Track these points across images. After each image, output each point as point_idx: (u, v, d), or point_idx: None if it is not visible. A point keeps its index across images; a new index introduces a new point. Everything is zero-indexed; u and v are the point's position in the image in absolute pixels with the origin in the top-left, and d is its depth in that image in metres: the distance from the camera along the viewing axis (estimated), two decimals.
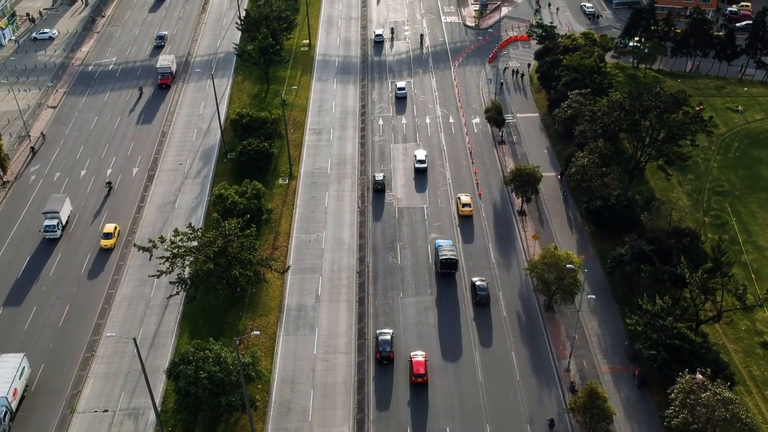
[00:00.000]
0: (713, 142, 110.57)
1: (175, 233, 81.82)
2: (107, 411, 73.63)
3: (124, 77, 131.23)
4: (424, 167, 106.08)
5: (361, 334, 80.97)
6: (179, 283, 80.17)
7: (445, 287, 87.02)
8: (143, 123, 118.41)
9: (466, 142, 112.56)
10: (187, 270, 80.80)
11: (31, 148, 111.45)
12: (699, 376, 66.15)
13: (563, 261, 78.83)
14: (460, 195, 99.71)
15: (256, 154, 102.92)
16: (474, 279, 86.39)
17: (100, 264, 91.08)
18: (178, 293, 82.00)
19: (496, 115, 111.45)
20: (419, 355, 76.82)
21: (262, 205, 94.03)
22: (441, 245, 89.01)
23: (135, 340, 67.28)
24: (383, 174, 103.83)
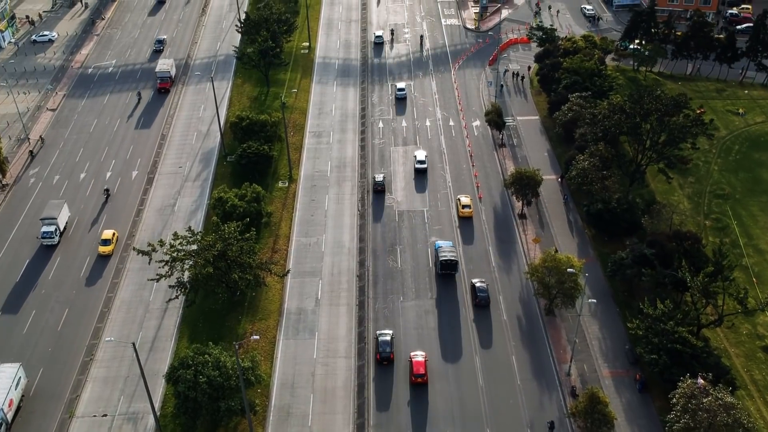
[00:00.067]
0: (714, 145, 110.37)
1: (175, 237, 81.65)
2: (106, 415, 73.38)
3: (123, 80, 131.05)
4: (424, 167, 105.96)
5: (361, 337, 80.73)
6: (178, 287, 79.99)
7: (445, 289, 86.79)
8: (143, 126, 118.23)
9: (466, 145, 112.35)
10: (187, 274, 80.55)
11: (30, 151, 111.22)
12: (700, 380, 65.94)
13: (564, 265, 78.62)
14: (460, 196, 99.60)
15: (255, 157, 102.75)
16: (474, 280, 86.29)
17: (99, 268, 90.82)
18: (177, 297, 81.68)
19: (496, 118, 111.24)
20: (419, 355, 76.82)
21: (261, 209, 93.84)
22: (441, 246, 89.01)
23: (134, 344, 67.12)
24: (383, 175, 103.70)
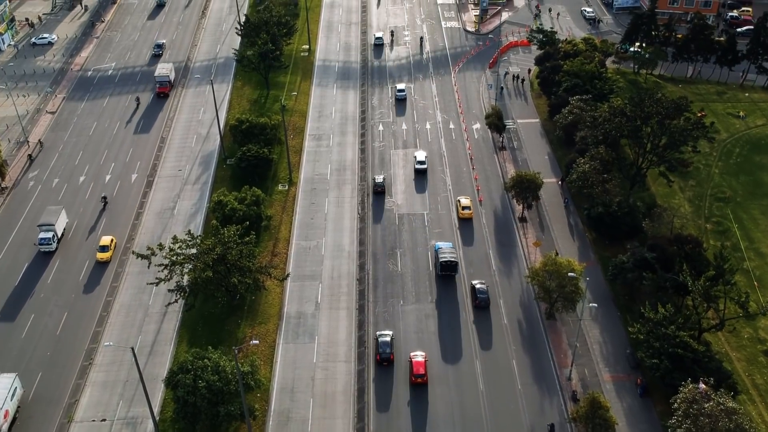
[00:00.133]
0: (715, 148, 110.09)
1: (174, 240, 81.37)
2: (105, 420, 73.05)
3: (123, 83, 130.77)
4: (424, 168, 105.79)
5: (361, 342, 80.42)
6: (178, 291, 79.65)
7: (445, 291, 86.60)
8: (142, 128, 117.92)
9: (466, 147, 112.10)
10: (186, 278, 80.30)
11: (29, 155, 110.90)
12: (702, 385, 65.64)
13: (565, 268, 78.36)
14: (459, 198, 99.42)
15: (255, 160, 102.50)
16: (474, 282, 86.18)
17: (98, 271, 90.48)
18: (176, 301, 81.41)
19: (496, 121, 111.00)
20: (419, 355, 76.77)
21: (261, 212, 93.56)
22: (441, 248, 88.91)
23: (133, 349, 66.85)
24: (383, 176, 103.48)
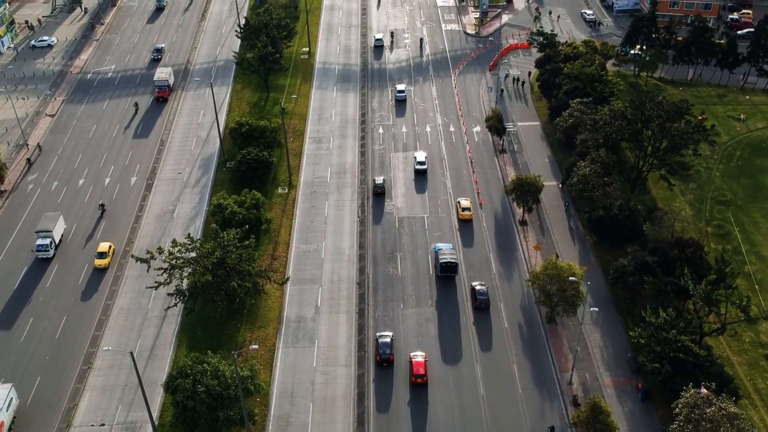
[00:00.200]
0: (715, 151, 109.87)
1: (174, 244, 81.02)
2: (104, 425, 72.75)
3: (123, 85, 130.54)
4: (424, 168, 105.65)
5: (361, 345, 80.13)
6: (177, 295, 79.41)
7: (446, 293, 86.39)
8: (142, 131, 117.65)
9: (466, 150, 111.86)
10: (186, 281, 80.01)
11: (28, 159, 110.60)
12: (704, 390, 65.35)
13: (565, 272, 78.06)
14: (459, 199, 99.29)
15: (255, 163, 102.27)
16: (474, 283, 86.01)
17: (97, 275, 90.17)
18: (176, 305, 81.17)
19: (496, 124, 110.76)
20: (419, 356, 76.74)
21: (261, 215, 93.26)
22: (441, 249, 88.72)
23: (132, 354, 66.53)
24: (383, 178, 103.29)
